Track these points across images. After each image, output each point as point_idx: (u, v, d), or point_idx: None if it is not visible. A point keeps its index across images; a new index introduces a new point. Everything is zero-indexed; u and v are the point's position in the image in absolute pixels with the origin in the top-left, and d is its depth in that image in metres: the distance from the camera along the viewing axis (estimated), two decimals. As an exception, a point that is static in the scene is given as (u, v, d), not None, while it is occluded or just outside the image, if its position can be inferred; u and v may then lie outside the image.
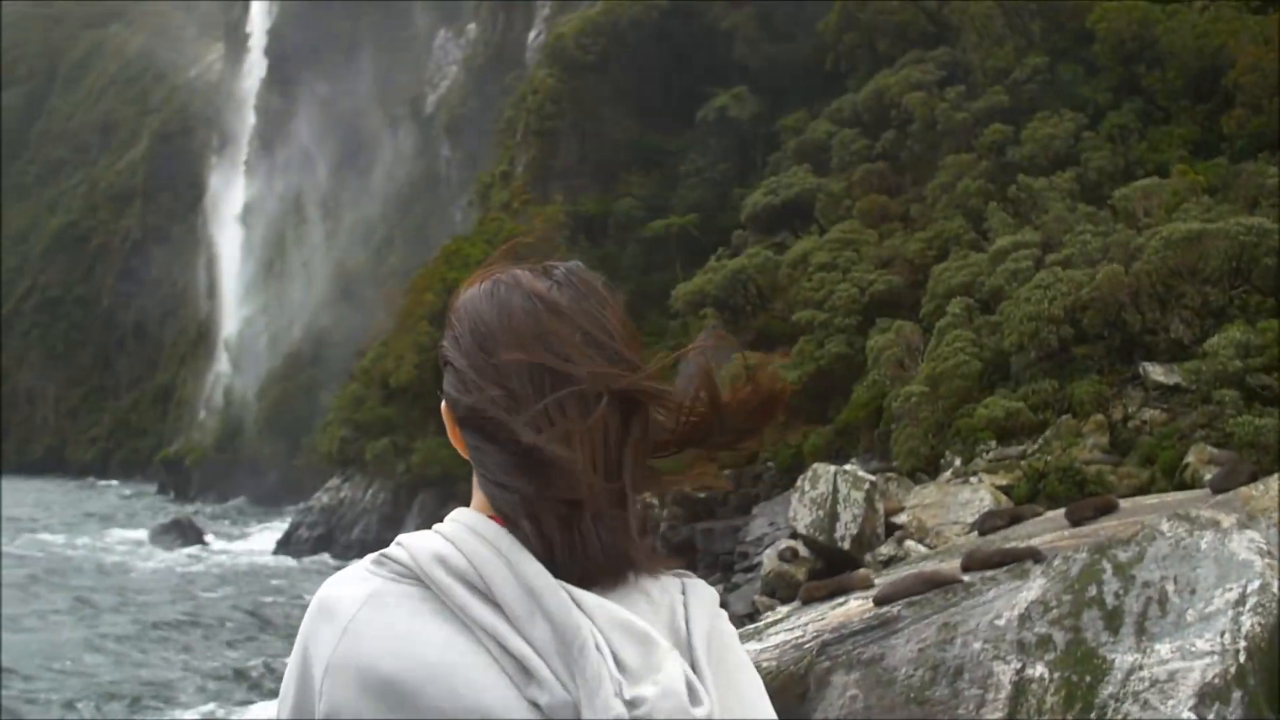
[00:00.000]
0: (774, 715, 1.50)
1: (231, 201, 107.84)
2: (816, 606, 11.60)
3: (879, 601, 10.09)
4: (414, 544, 1.44)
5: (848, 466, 18.69)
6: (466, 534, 1.43)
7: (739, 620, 17.32)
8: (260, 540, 51.59)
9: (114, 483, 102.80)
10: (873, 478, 17.76)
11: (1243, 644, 8.17)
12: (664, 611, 1.46)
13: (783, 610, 12.67)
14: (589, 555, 1.41)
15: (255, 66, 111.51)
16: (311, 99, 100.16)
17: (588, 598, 1.38)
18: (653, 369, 1.51)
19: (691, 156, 45.93)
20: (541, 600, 1.35)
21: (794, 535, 17.49)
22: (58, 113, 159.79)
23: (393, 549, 1.46)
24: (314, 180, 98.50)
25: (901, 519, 17.10)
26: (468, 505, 1.52)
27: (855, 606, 10.68)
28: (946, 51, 35.75)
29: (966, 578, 9.86)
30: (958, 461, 20.22)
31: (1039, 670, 8.63)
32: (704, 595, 1.52)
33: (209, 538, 51.81)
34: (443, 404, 1.59)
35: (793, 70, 44.29)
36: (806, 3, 43.53)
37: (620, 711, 1.29)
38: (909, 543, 15.99)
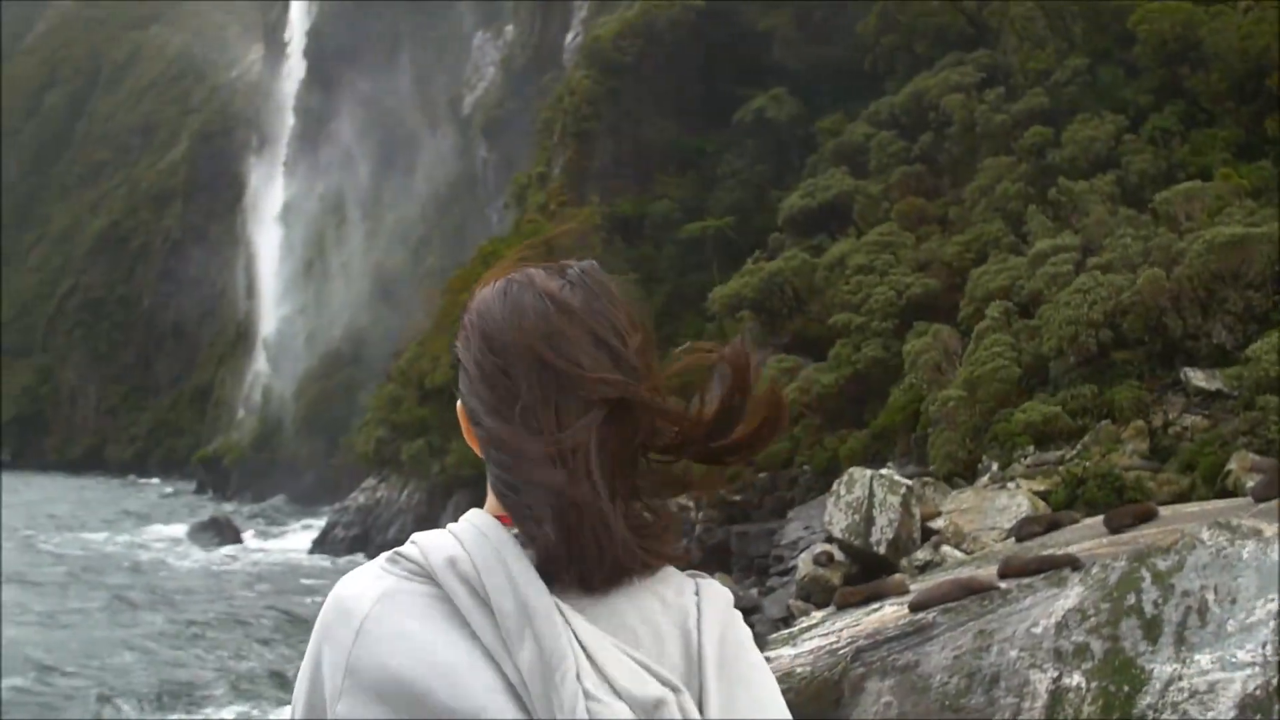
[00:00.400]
0: (789, 718, 1.49)
1: (271, 202, 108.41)
2: (851, 612, 11.54)
3: (914, 608, 10.02)
4: (427, 543, 1.46)
5: (884, 471, 18.56)
6: (476, 537, 1.44)
7: (773, 624, 17.26)
8: (297, 539, 51.85)
9: (153, 481, 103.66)
10: (909, 482, 17.62)
11: (1285, 655, 8.05)
12: (675, 613, 1.46)
13: (817, 615, 12.60)
14: (587, 560, 1.41)
15: (294, 67, 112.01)
16: (351, 100, 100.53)
17: (584, 626, 1.38)
18: (659, 378, 1.52)
19: (728, 158, 45.82)
20: (534, 620, 1.35)
21: (829, 539, 17.38)
22: (99, 114, 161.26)
23: (407, 547, 1.47)
24: (353, 180, 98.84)
25: (938, 524, 16.96)
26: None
27: (890, 612, 10.62)
28: (986, 53, 35.51)
29: (1003, 584, 9.77)
30: (995, 466, 20.08)
31: (1076, 679, 8.54)
32: (717, 597, 1.51)
33: (246, 536, 52.12)
34: (458, 403, 1.62)
35: (831, 72, 44.13)
36: (845, 4, 43.37)
37: None
38: (945, 548, 15.85)
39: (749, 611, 18.83)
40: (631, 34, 48.54)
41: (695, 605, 1.48)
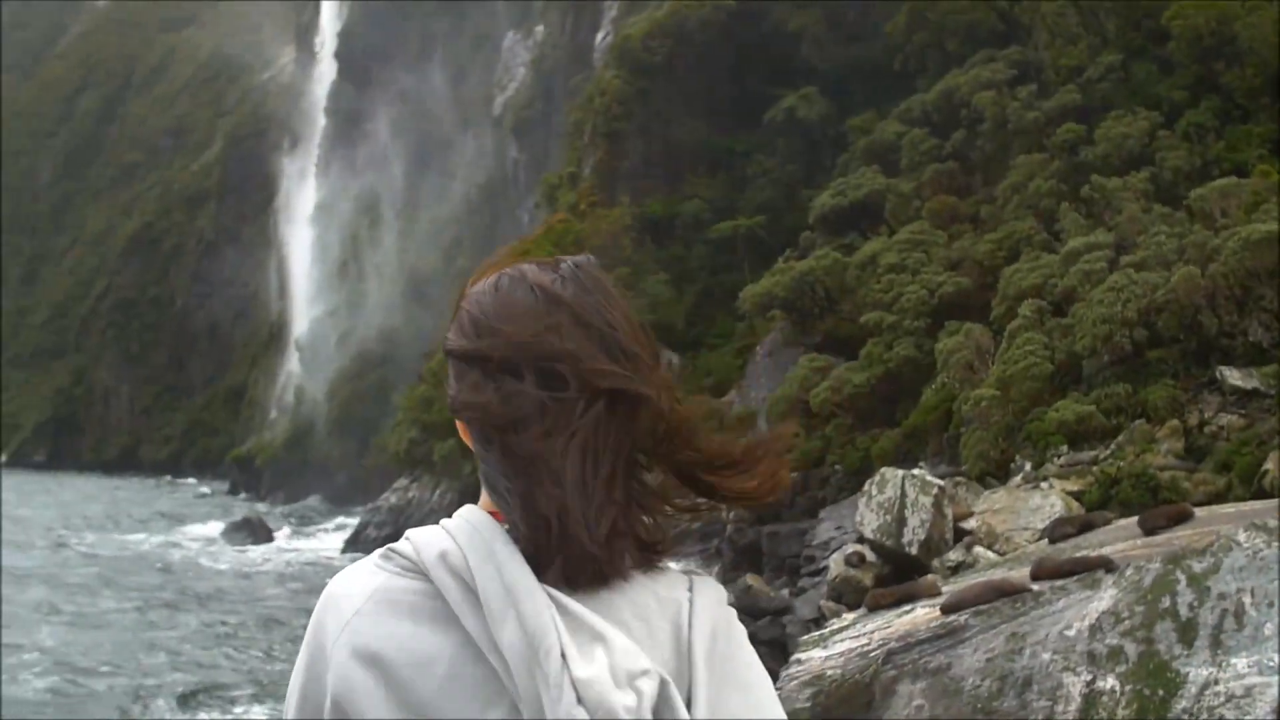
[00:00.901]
0: (783, 716, 1.49)
1: (303, 203, 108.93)
2: (883, 614, 11.46)
3: (946, 610, 9.93)
4: (420, 539, 1.46)
5: (916, 471, 18.45)
6: (468, 530, 1.44)
7: (804, 625, 17.20)
8: (329, 539, 52.08)
9: (188, 481, 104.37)
10: (941, 482, 17.52)
11: (1324, 659, 7.94)
12: (668, 608, 1.45)
13: (849, 617, 12.52)
14: (571, 555, 1.39)
15: (326, 69, 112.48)
16: (383, 101, 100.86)
17: (573, 606, 1.37)
18: (659, 375, 1.49)
19: (759, 158, 45.75)
20: (518, 602, 1.35)
21: (861, 540, 17.29)
22: (132, 117, 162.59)
23: (401, 543, 1.48)
24: (386, 182, 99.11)
25: (970, 524, 16.84)
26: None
27: (922, 614, 10.54)
28: (1018, 50, 35.31)
29: (1036, 586, 9.68)
30: (1028, 466, 19.94)
31: (1110, 682, 8.44)
32: (710, 593, 1.51)
33: (279, 536, 52.37)
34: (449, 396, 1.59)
35: (861, 70, 44.00)
36: (875, 2, 43.22)
37: (580, 716, 1.28)
38: (978, 549, 15.74)
39: (779, 612, 18.79)
40: (662, 34, 48.51)
41: (688, 601, 1.47)
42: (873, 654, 9.98)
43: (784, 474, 1.54)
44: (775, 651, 17.07)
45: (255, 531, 51.55)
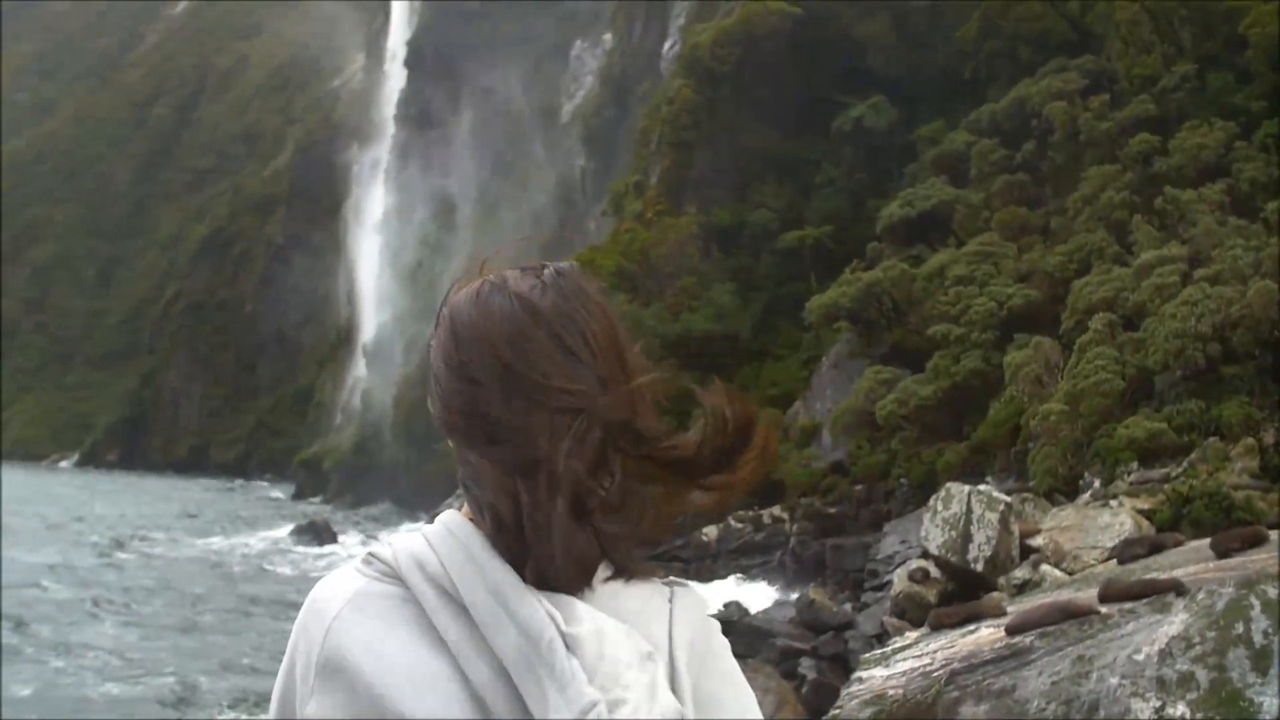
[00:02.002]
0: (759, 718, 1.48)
1: (371, 209, 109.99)
2: (946, 633, 11.28)
3: (1011, 631, 9.75)
4: (399, 544, 1.46)
5: (982, 486, 18.19)
6: (445, 536, 1.43)
7: (867, 641, 17.02)
8: (394, 543, 52.21)
9: (253, 483, 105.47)
10: (1008, 498, 17.23)
11: (1404, 691, 7.70)
12: (649, 618, 1.44)
13: (911, 635, 12.34)
14: (546, 566, 1.38)
15: (395, 77, 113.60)
16: (452, 109, 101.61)
17: (561, 600, 1.36)
18: (638, 388, 1.46)
19: (826, 167, 45.58)
20: (508, 604, 1.35)
21: (925, 555, 17.07)
22: (205, 123, 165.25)
23: (381, 548, 1.47)
24: (452, 188, 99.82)
25: (1037, 541, 16.55)
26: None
27: (986, 635, 10.36)
28: (1091, 59, 34.91)
29: (1104, 609, 9.47)
30: (1097, 483, 19.62)
31: (1180, 710, 8.23)
32: (691, 604, 1.49)
33: (344, 540, 52.70)
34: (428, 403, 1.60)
35: (930, 79, 43.73)
36: (945, 10, 42.92)
37: (594, 696, 1.29)
38: (1044, 567, 15.47)
39: (842, 627, 18.61)
40: (729, 42, 48.47)
41: (668, 612, 1.46)
42: (935, 674, 9.82)
43: (759, 465, 1.52)
44: (837, 667, 16.92)
45: (320, 535, 51.95)
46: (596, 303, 1.50)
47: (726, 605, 22.71)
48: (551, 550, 1.37)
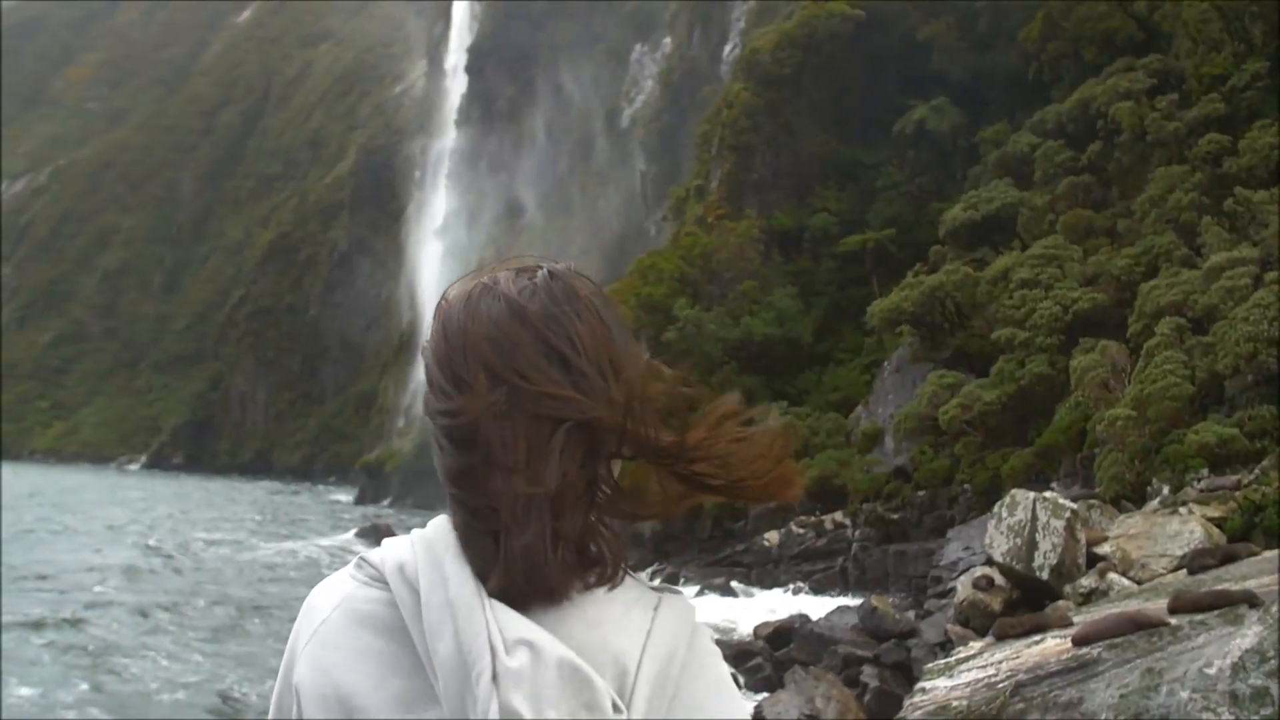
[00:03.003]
0: None
1: (433, 214, 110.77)
2: (1011, 643, 11.12)
3: (1078, 642, 9.58)
4: (387, 548, 1.47)
5: (1047, 493, 17.92)
6: (424, 542, 1.44)
7: (930, 650, 16.81)
8: (458, 549, 52.44)
9: (318, 486, 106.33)
10: (1074, 505, 16.96)
11: None
12: (628, 627, 1.41)
13: (976, 645, 12.17)
14: (508, 580, 1.37)
15: (457, 83, 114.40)
16: (512, 113, 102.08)
17: (514, 621, 1.34)
18: (630, 394, 1.43)
19: (888, 170, 45.33)
20: (456, 618, 1.33)
21: (989, 562, 16.86)
22: (270, 130, 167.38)
23: (374, 552, 1.49)
24: (514, 192, 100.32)
25: (1104, 549, 16.28)
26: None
27: (1052, 646, 10.19)
28: (1158, 58, 34.42)
29: (1174, 620, 9.28)
30: (1166, 490, 19.30)
31: (1254, 725, 8.03)
32: (675, 614, 1.45)
33: (405, 544, 52.95)
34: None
35: (994, 80, 43.37)
36: (1008, 11, 42.53)
37: None
38: (1112, 575, 15.20)
39: (905, 635, 18.41)
40: (790, 46, 48.33)
41: (649, 622, 1.42)
42: (1000, 685, 9.66)
43: (772, 465, 1.47)
44: (899, 676, 16.72)
45: (382, 539, 52.18)
46: (588, 305, 1.48)
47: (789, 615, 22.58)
48: (521, 558, 1.36)
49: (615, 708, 1.32)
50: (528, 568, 1.36)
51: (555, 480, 1.37)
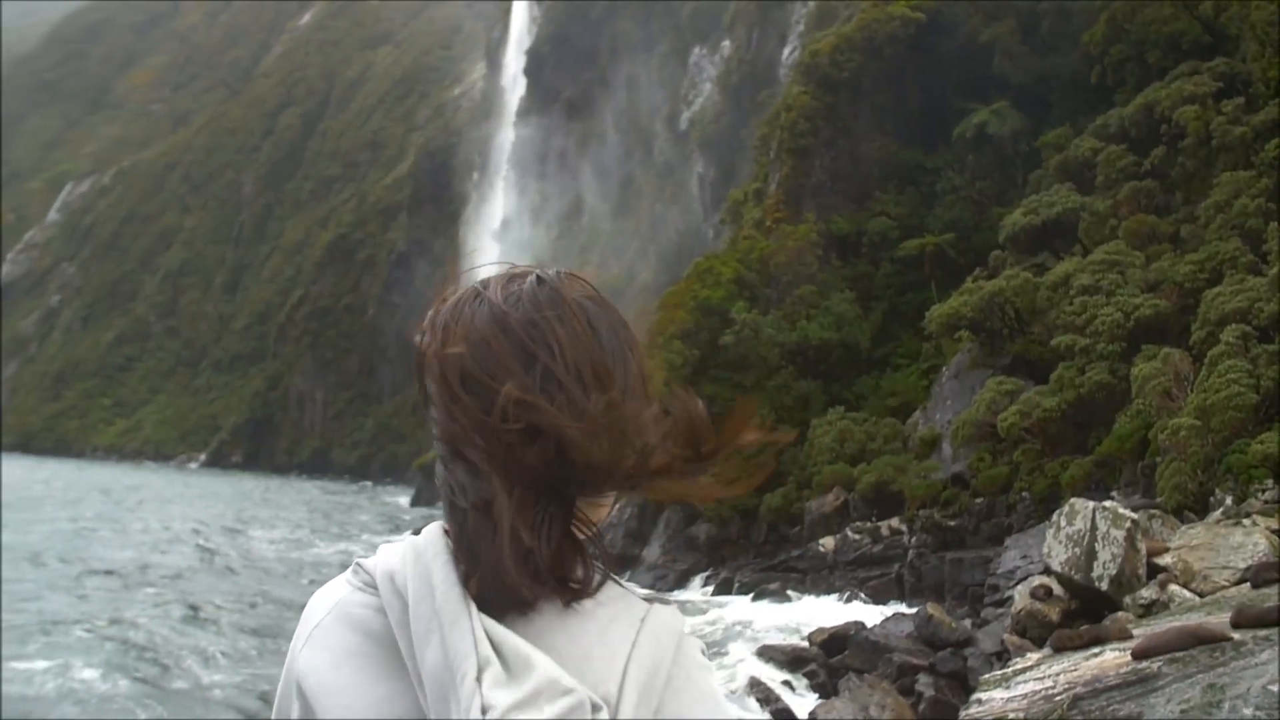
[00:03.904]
0: None
1: (490, 216, 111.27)
2: (1069, 655, 11.00)
3: (1138, 655, 9.46)
4: (380, 555, 1.49)
5: (1107, 503, 17.70)
6: (414, 549, 1.44)
7: (986, 660, 16.66)
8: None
9: (376, 486, 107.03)
10: (1134, 515, 16.75)
11: None
12: (613, 637, 1.40)
13: (1033, 657, 12.05)
14: (492, 583, 1.37)
15: (515, 85, 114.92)
16: (569, 116, 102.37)
17: (500, 632, 1.34)
18: (614, 408, 1.40)
19: (948, 174, 45.03)
20: (442, 626, 1.34)
21: (1047, 572, 16.67)
22: (330, 132, 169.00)
23: (367, 558, 1.51)
24: (569, 196, 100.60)
25: (1165, 560, 16.06)
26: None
27: (1111, 659, 10.07)
28: (1223, 62, 33.95)
29: (1237, 635, 9.14)
30: (1229, 501, 19.02)
31: (1319, 744, 7.88)
32: (662, 624, 1.44)
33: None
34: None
35: (1056, 84, 43.00)
36: (1071, 14, 42.12)
37: None
38: (1173, 587, 14.99)
39: (960, 644, 18.25)
40: (850, 49, 48.10)
41: (635, 632, 1.42)
42: (1058, 698, 9.56)
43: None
44: (955, 685, 16.59)
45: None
46: (575, 310, 1.46)
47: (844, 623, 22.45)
48: (502, 567, 1.36)
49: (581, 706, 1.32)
50: (495, 578, 1.36)
51: (537, 490, 1.38)
